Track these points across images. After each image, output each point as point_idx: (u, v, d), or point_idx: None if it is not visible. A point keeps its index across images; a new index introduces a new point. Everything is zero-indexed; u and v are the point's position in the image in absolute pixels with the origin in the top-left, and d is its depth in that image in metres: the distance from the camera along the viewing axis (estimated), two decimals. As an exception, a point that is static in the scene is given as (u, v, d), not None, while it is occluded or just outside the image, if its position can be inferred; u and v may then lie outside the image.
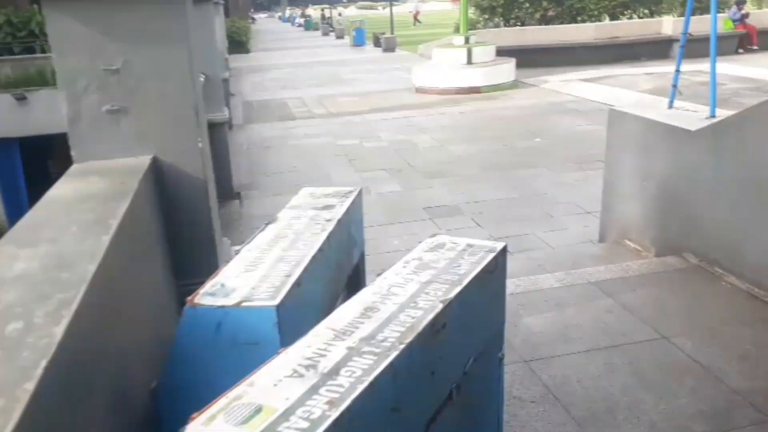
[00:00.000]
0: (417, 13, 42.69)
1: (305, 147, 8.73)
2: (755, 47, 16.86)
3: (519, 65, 13.50)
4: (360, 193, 2.34)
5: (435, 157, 7.82)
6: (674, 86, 10.12)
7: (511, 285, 3.27)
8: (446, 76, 12.62)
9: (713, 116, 9.24)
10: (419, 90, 13.00)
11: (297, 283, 1.75)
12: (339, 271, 2.18)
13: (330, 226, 2.07)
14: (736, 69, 13.18)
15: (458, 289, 1.66)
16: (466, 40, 13.07)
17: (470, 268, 1.79)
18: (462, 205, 5.94)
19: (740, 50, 16.59)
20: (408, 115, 10.67)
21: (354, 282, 2.37)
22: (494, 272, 1.88)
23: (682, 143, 3.71)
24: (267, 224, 2.18)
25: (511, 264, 4.04)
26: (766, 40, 16.85)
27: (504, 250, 1.92)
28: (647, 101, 10.58)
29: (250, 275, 1.80)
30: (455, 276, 1.73)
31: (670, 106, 10.11)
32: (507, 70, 12.94)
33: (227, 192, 6.47)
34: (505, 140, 8.48)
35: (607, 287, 3.18)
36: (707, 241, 3.42)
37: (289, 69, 19.16)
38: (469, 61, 12.69)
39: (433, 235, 2.01)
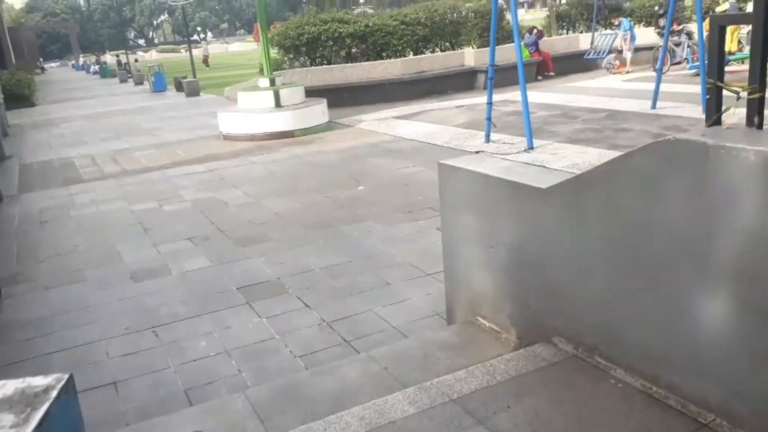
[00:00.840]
0: (207, 56, 41.34)
1: (92, 217, 7.34)
2: (551, 74, 17.91)
3: (331, 105, 12.99)
4: (70, 383, 1.35)
5: (249, 217, 6.87)
6: (488, 119, 10.13)
7: (354, 419, 2.43)
8: (255, 121, 11.72)
9: (531, 147, 9.25)
10: (227, 137, 11.97)
11: None
12: None
13: None
14: (539, 96, 13.68)
15: None
16: (272, 82, 12.28)
17: None
18: (285, 278, 5.04)
19: (539, 77, 17.50)
20: (215, 167, 9.61)
21: None
22: None
23: (532, 203, 3.12)
24: None
25: (350, 374, 3.20)
26: (559, 66, 17.98)
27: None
28: (464, 136, 10.47)
29: None
30: None
31: (487, 139, 10.09)
32: (319, 111, 12.32)
33: (-19, 292, 5.08)
34: (327, 190, 7.75)
35: (474, 406, 2.45)
36: (579, 322, 2.83)
37: (81, 122, 17.18)
38: (278, 104, 11.90)
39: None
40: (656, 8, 20.69)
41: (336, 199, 7.36)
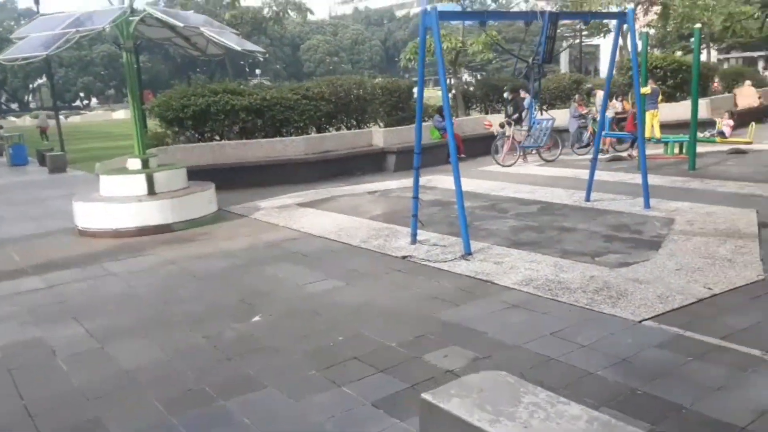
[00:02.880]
0: (44, 128, 33.79)
1: None
2: (463, 156, 16.57)
3: (221, 188, 10.85)
4: None
5: (82, 382, 4.46)
6: (414, 216, 8.21)
7: None
8: (121, 213, 9.25)
9: (468, 252, 7.33)
10: (84, 233, 9.41)
11: None
12: None
13: None
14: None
15: None
16: (144, 164, 9.92)
17: None
18: None
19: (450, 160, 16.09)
20: (57, 281, 7.07)
21: None
22: None
23: None
24: None
25: None
26: (468, 149, 16.74)
27: None
28: (384, 233, 8.58)
29: None
30: None
31: (414, 240, 8.14)
32: (205, 198, 10.05)
33: None
34: (207, 323, 5.50)
35: None
36: None
37: None
38: (151, 191, 9.53)
39: None
40: (504, 90, 19.52)
41: (220, 342, 5.11)
